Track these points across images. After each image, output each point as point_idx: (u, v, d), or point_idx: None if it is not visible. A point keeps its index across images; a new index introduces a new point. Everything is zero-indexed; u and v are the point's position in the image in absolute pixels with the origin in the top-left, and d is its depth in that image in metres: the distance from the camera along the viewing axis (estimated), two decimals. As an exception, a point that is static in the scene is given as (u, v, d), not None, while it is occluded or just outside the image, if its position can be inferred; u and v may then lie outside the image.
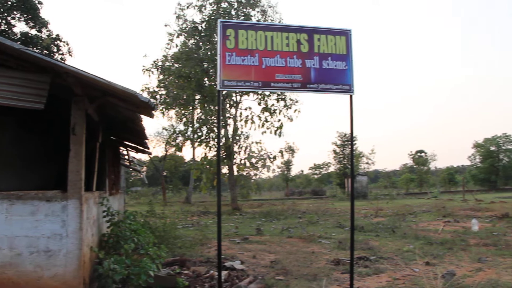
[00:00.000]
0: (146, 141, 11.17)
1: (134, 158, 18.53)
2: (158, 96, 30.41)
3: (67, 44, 27.44)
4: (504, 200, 29.37)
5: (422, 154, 77.81)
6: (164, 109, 31.24)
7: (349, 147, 7.17)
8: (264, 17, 30.78)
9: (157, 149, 53.84)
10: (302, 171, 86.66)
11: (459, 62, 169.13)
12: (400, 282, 7.59)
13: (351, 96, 6.66)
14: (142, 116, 7.45)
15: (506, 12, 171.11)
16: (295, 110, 30.64)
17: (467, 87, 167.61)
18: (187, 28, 29.95)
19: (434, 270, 7.96)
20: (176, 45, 30.28)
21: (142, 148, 12.33)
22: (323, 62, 6.51)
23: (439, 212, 22.43)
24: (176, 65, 29.88)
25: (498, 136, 68.80)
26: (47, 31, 26.90)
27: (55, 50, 26.68)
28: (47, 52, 25.20)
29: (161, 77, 30.05)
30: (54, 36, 26.89)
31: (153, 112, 6.78)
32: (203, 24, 29.58)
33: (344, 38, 6.67)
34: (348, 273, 6.99)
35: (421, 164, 75.85)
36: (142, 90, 29.49)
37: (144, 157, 42.41)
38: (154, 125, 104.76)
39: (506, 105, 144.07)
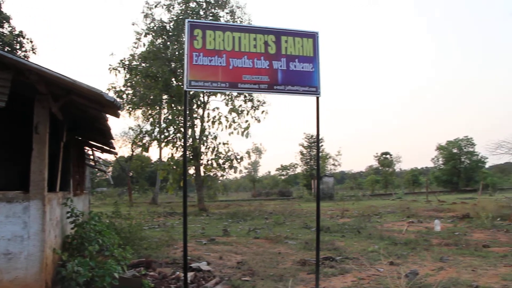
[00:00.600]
0: (112, 141, 11.01)
1: (100, 158, 18.25)
2: (124, 96, 30.01)
3: (31, 41, 26.75)
4: (465, 201, 30.08)
5: (388, 156, 79.08)
6: (130, 109, 30.79)
7: (316, 148, 7.20)
8: (232, 18, 30.75)
9: (123, 149, 53.20)
10: (269, 172, 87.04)
11: (424, 65, 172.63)
12: (365, 282, 7.69)
13: (317, 98, 6.72)
14: (108, 115, 7.34)
15: (470, 16, 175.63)
16: (263, 111, 30.74)
17: (431, 91, 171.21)
18: (155, 27, 29.64)
19: (398, 270, 8.12)
20: (144, 44, 29.94)
21: (108, 148, 12.16)
22: (290, 64, 6.56)
23: (403, 213, 22.85)
24: (143, 64, 29.56)
25: (460, 139, 70.57)
26: (9, 26, 26.16)
27: (17, 47, 25.96)
28: (9, 49, 24.52)
29: (128, 76, 29.64)
30: (17, 32, 26.17)
31: (119, 111, 6.69)
32: (171, 24, 29.35)
33: (311, 41, 6.73)
34: (314, 273, 7.04)
35: (386, 165, 77.08)
36: (108, 89, 29.09)
37: (110, 157, 41.90)
38: (121, 125, 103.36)
39: (469, 109, 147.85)
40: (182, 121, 28.19)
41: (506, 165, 71.73)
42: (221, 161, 29.85)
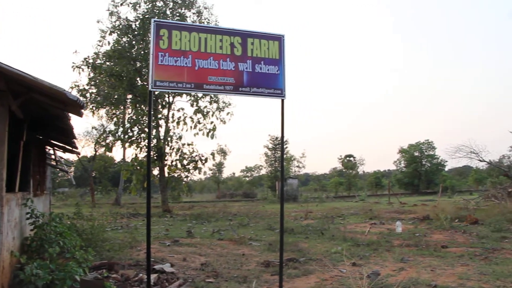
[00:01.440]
0: (75, 140, 10.82)
1: (62, 158, 17.88)
2: (88, 95, 29.43)
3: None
4: (426, 203, 30.81)
5: (351, 158, 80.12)
6: (94, 108, 30.20)
7: (281, 150, 7.25)
8: (199, 18, 30.59)
9: (86, 149, 52.18)
10: (234, 173, 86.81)
11: (389, 70, 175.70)
12: (328, 282, 7.77)
13: (282, 100, 6.76)
14: (70, 114, 7.20)
15: (438, 23, 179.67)
16: (228, 113, 30.72)
17: (395, 95, 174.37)
18: (120, 26, 29.18)
19: (360, 271, 8.24)
20: (109, 43, 29.39)
21: (70, 148, 11.93)
22: (255, 66, 6.58)
23: (366, 214, 23.20)
24: (108, 63, 29.04)
25: (421, 142, 72.27)
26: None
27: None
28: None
29: (91, 75, 29.04)
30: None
31: (82, 110, 6.57)
32: (137, 23, 28.96)
33: (277, 43, 6.77)
34: (278, 274, 7.07)
35: (349, 168, 78.06)
36: (71, 88, 28.42)
37: (72, 157, 40.96)
38: (84, 124, 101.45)
39: (430, 113, 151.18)
40: (147, 121, 27.88)
41: (464, 168, 73.86)
42: (185, 162, 29.68)
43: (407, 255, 10.50)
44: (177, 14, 29.49)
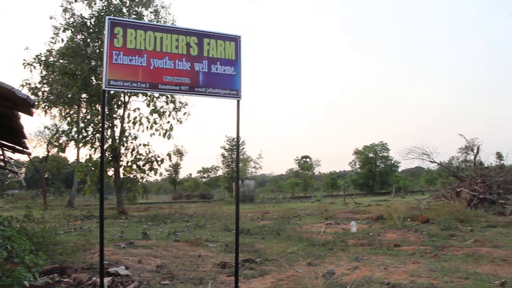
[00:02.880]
0: (25, 140, 10.49)
1: (11, 158, 17.29)
2: (40, 93, 28.59)
3: None
4: (379, 203, 31.50)
5: (307, 159, 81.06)
6: (46, 107, 29.36)
7: (236, 151, 7.24)
8: (156, 17, 30.25)
9: (38, 149, 50.61)
10: (191, 174, 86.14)
11: (345, 72, 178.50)
12: (284, 282, 7.82)
13: (238, 101, 6.77)
14: (20, 113, 6.98)
15: (392, 23, 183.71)
16: (185, 113, 30.48)
17: (350, 97, 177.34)
18: (74, 23, 28.47)
19: (315, 270, 8.33)
20: (62, 40, 28.56)
21: (20, 148, 11.56)
22: (211, 66, 6.56)
23: (321, 215, 23.48)
24: (61, 61, 28.25)
25: (375, 144, 73.90)
26: None
27: None
28: None
29: (44, 73, 28.19)
30: None
31: (32, 109, 6.38)
32: (92, 20, 28.33)
33: (233, 44, 6.77)
34: (234, 275, 7.06)
35: (306, 169, 78.96)
36: (22, 86, 27.52)
37: (22, 158, 39.79)
38: (35, 124, 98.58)
39: (384, 115, 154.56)
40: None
41: (416, 169, 76.04)
42: (141, 163, 29.26)
43: (361, 254, 10.69)
44: (134, 13, 29.06)
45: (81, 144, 28.71)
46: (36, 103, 27.24)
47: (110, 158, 28.14)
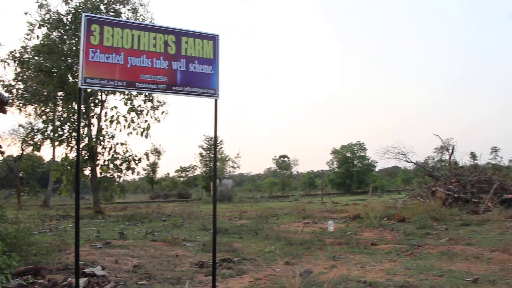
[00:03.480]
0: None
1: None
2: (14, 91, 28.06)
3: None
4: (357, 202, 31.77)
5: (285, 159, 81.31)
6: (21, 105, 28.82)
7: (213, 150, 7.24)
8: (135, 15, 29.90)
9: (12, 148, 49.81)
10: (168, 173, 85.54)
11: (325, 73, 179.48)
12: (262, 282, 7.84)
13: (216, 100, 6.77)
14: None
15: (377, 26, 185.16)
16: (163, 112, 30.26)
17: (328, 96, 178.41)
18: (50, 19, 27.96)
19: (293, 269, 8.37)
20: (38, 36, 28.02)
21: (-7, 147, 11.36)
22: (189, 65, 6.54)
23: (299, 214, 23.58)
24: (36, 58, 27.73)
25: (353, 143, 74.53)
26: None
27: None
28: None
29: (18, 69, 27.67)
30: None
31: (6, 107, 6.28)
32: (69, 17, 27.88)
33: (211, 43, 6.77)
34: (212, 275, 7.05)
35: (284, 168, 79.18)
36: (-5, 83, 27.09)
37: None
38: (9, 122, 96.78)
39: (362, 115, 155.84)
40: (78, 120, 26.92)
41: (393, 168, 76.95)
42: (118, 162, 28.96)
43: (339, 253, 10.78)
44: (112, 10, 28.68)
45: (57, 143, 28.28)
46: (10, 100, 26.83)
47: (86, 157, 27.79)
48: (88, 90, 26.39)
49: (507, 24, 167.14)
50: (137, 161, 29.46)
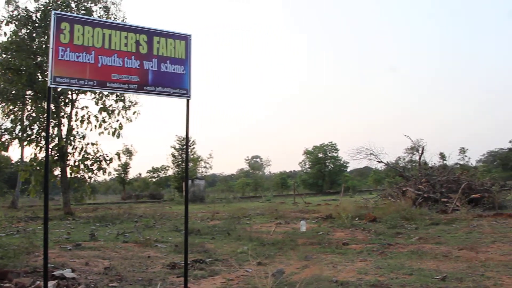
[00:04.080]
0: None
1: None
2: (-20, 89, 27.49)
3: None
4: (329, 203, 32.05)
5: (258, 159, 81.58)
6: (-13, 104, 28.26)
7: (185, 150, 7.22)
8: (107, 14, 29.49)
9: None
10: (140, 174, 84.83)
11: (296, 72, 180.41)
12: (234, 282, 7.83)
13: (187, 101, 6.74)
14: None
15: (345, 26, 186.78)
16: (135, 112, 29.93)
17: (301, 97, 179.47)
18: (19, 16, 27.36)
19: (265, 270, 8.36)
20: (5, 34, 27.37)
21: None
22: (161, 65, 6.50)
23: (271, 214, 23.62)
24: (4, 55, 27.15)
25: (325, 144, 75.23)
26: None
27: None
28: None
29: (-15, 67, 27.09)
30: None
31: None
32: (39, 14, 27.34)
33: (183, 43, 6.74)
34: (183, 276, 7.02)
35: (256, 169, 79.44)
36: (-40, 81, 26.39)
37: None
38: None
39: (333, 115, 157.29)
40: (47, 119, 26.44)
41: (364, 169, 77.87)
42: (89, 162, 28.55)
43: (311, 253, 10.84)
44: (83, 8, 28.25)
45: (25, 143, 27.74)
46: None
47: (56, 157, 27.30)
48: (58, 89, 25.96)
49: (479, 28, 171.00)
50: (108, 162, 29.10)
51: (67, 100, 28.98)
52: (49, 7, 26.76)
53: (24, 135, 26.92)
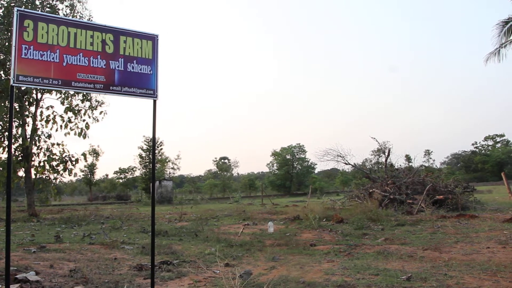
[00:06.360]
0: None
1: None
2: None
3: None
4: (296, 204, 32.28)
5: (226, 160, 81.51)
6: None
7: (152, 151, 7.18)
8: (72, 12, 28.99)
9: None
10: (107, 175, 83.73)
11: (265, 74, 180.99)
12: (202, 284, 7.80)
13: (154, 101, 6.70)
14: None
15: (315, 29, 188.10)
16: (101, 112, 29.49)
17: (269, 99, 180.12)
18: (-19, 13, 26.71)
19: (233, 271, 8.39)
20: (-33, 31, 26.75)
21: None
22: (128, 65, 6.44)
23: (239, 215, 23.66)
24: (-36, 53, 26.44)
25: (293, 145, 75.70)
26: None
27: None
28: None
29: None
30: None
31: None
32: (1, 11, 26.65)
33: (150, 43, 6.70)
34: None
35: (224, 170, 79.37)
36: None
37: None
38: None
39: (301, 117, 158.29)
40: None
41: (332, 171, 78.64)
42: (54, 163, 27.99)
43: (278, 254, 10.89)
44: (48, 6, 27.69)
45: (-13, 143, 27.03)
46: None
47: (20, 158, 26.70)
48: (22, 88, 25.40)
49: (447, 35, 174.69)
50: (74, 162, 28.57)
51: (31, 100, 28.35)
52: (12, 4, 26.12)
53: (-14, 135, 26.21)
